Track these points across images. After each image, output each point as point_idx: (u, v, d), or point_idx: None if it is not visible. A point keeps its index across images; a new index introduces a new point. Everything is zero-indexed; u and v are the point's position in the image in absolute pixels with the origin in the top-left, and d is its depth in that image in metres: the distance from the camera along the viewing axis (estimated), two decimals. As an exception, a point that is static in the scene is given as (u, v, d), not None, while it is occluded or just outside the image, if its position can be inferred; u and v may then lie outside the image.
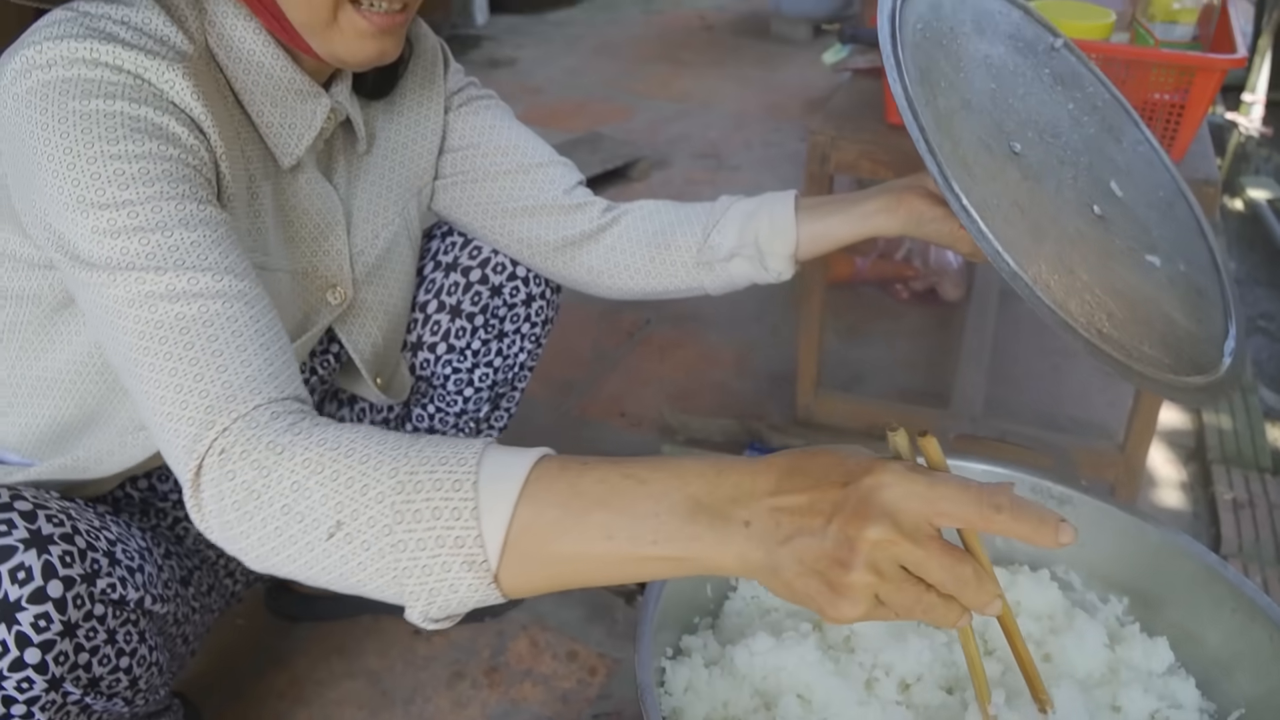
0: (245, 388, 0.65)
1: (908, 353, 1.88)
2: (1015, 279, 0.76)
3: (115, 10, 0.73)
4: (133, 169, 0.69)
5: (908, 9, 0.91)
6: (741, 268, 0.98)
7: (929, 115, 0.82)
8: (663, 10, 4.17)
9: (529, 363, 1.13)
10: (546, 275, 1.06)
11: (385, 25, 0.78)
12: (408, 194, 0.99)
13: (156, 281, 0.67)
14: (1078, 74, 1.04)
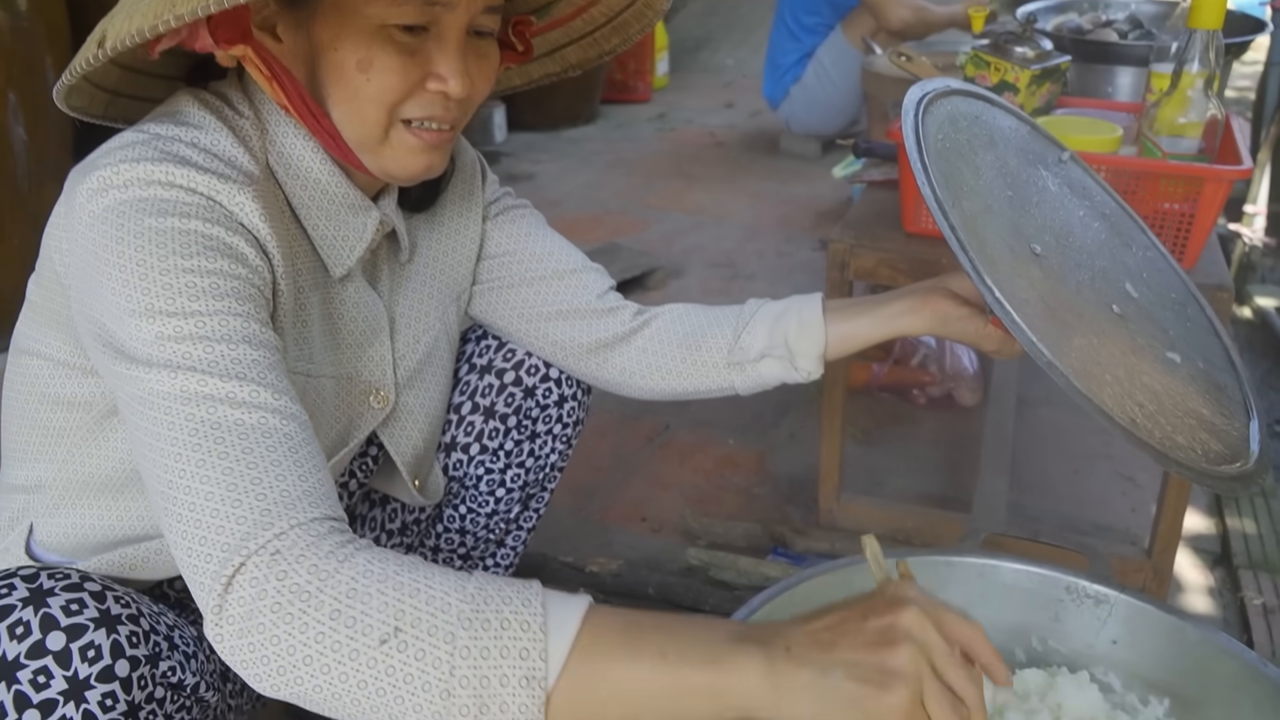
0: (305, 499, 0.66)
1: (927, 458, 1.89)
2: (1052, 369, 0.78)
3: (185, 133, 0.78)
4: (205, 283, 0.71)
5: (928, 122, 0.95)
6: (772, 368, 1.01)
7: (957, 218, 0.85)
8: (675, 127, 4.30)
9: (559, 463, 1.14)
10: (580, 377, 1.08)
11: (434, 142, 0.83)
12: (447, 300, 1.03)
13: (218, 386, 0.68)
14: (1086, 185, 1.09)
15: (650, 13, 0.94)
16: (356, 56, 0.77)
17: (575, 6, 0.96)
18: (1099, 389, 0.82)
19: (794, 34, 3.53)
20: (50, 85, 2.22)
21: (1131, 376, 0.87)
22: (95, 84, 0.83)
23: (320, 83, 0.80)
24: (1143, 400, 0.85)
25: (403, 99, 0.80)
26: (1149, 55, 1.51)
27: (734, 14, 6.17)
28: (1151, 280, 1.04)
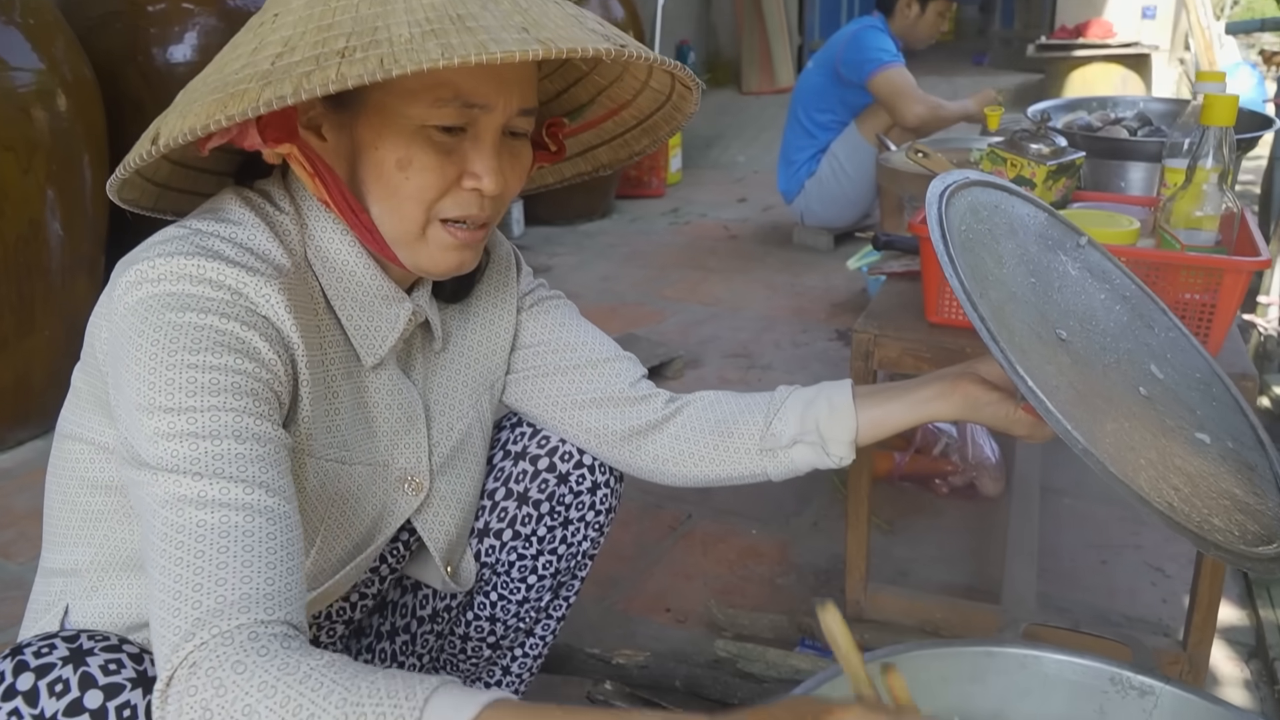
0: (238, 604, 0.68)
1: (952, 548, 1.88)
2: (1088, 455, 0.78)
3: (224, 228, 0.81)
4: (204, 378, 0.74)
5: (950, 214, 0.98)
6: (804, 454, 1.01)
7: (985, 308, 0.87)
8: (688, 221, 4.38)
9: (591, 550, 1.14)
10: (614, 464, 1.09)
11: (467, 240, 0.87)
12: (481, 388, 1.04)
13: (191, 486, 0.71)
14: (1105, 269, 1.11)
15: (679, 116, 0.98)
16: (396, 155, 0.81)
17: (607, 109, 1.00)
18: (1135, 473, 0.83)
19: (809, 131, 3.62)
20: (87, 183, 2.29)
21: (1164, 459, 0.88)
22: (147, 178, 0.87)
23: (360, 180, 0.83)
24: (1177, 483, 0.86)
25: (440, 196, 0.83)
26: (1161, 151, 1.55)
27: (745, 113, 6.33)
28: (1175, 361, 1.05)
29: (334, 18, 0.74)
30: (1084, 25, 5.99)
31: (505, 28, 0.71)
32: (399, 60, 0.68)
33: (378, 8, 0.73)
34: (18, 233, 2.12)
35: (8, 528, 1.96)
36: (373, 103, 0.80)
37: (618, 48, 0.75)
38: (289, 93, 0.69)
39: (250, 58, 0.75)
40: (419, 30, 0.71)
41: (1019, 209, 1.07)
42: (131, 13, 2.51)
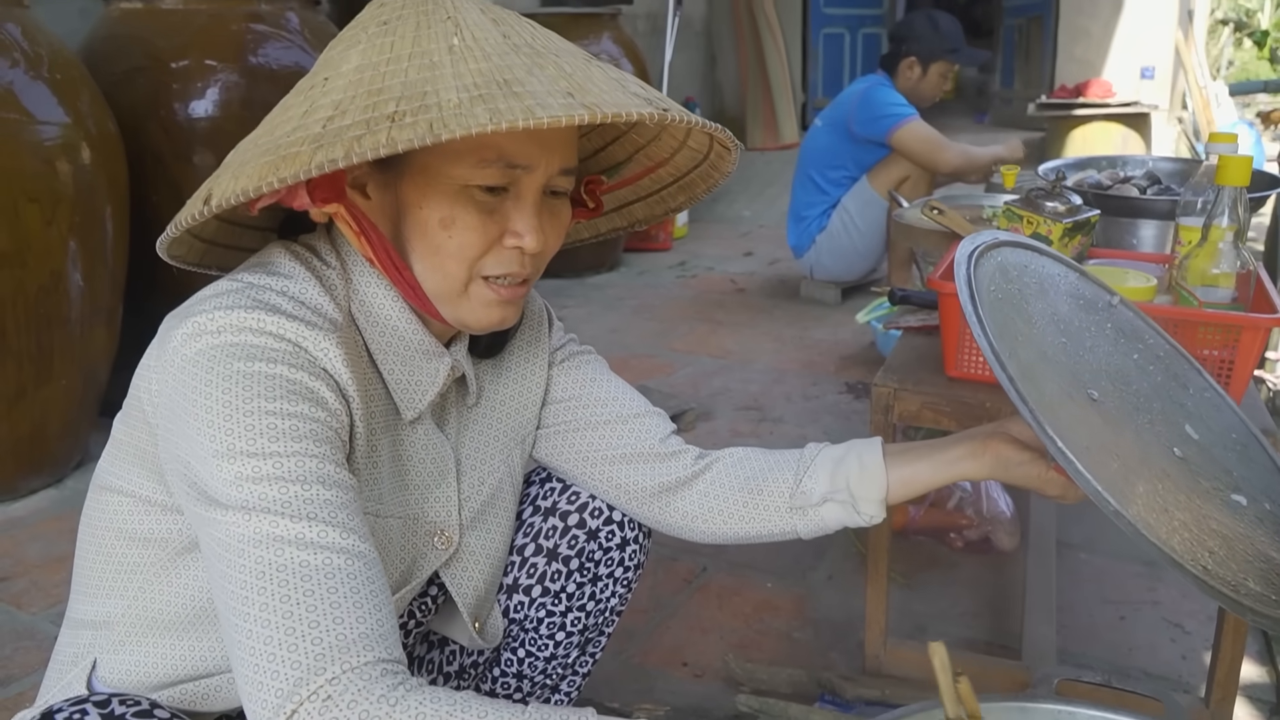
0: (359, 642, 0.68)
1: (968, 602, 1.87)
2: (1119, 518, 0.79)
3: (276, 282, 0.83)
4: (284, 425, 0.75)
5: (979, 274, 0.99)
6: (834, 512, 1.02)
7: (1014, 368, 0.88)
8: (696, 274, 4.42)
9: (619, 607, 1.14)
10: (643, 520, 1.10)
11: (509, 296, 0.88)
12: (512, 443, 1.05)
13: (288, 527, 0.71)
14: (1137, 328, 1.12)
15: (716, 175, 0.99)
16: (440, 215, 0.83)
17: (644, 167, 1.02)
18: (1168, 536, 0.83)
19: (820, 187, 3.67)
20: (109, 235, 2.32)
21: (1199, 521, 0.88)
22: (194, 234, 0.89)
23: (404, 237, 0.85)
24: (1212, 546, 0.86)
25: (482, 254, 0.85)
26: (1173, 210, 1.58)
27: (750, 168, 6.41)
28: (1210, 421, 1.06)
29: (384, 82, 0.75)
30: (1083, 85, 6.09)
31: (551, 93, 0.73)
32: (448, 125, 0.70)
33: (427, 73, 0.75)
34: (39, 283, 2.14)
35: (20, 577, 1.95)
36: (418, 163, 0.82)
37: (660, 112, 0.77)
38: (340, 156, 0.71)
39: (301, 120, 0.77)
40: (467, 95, 0.72)
41: (1049, 268, 1.08)
42: (155, 69, 2.55)
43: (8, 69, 2.07)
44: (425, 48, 0.77)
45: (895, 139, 3.41)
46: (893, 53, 3.56)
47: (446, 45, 0.76)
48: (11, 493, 2.25)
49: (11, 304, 2.10)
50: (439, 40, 0.77)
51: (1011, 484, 1.01)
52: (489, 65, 0.75)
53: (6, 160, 2.04)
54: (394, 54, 0.77)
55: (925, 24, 3.51)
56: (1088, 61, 6.37)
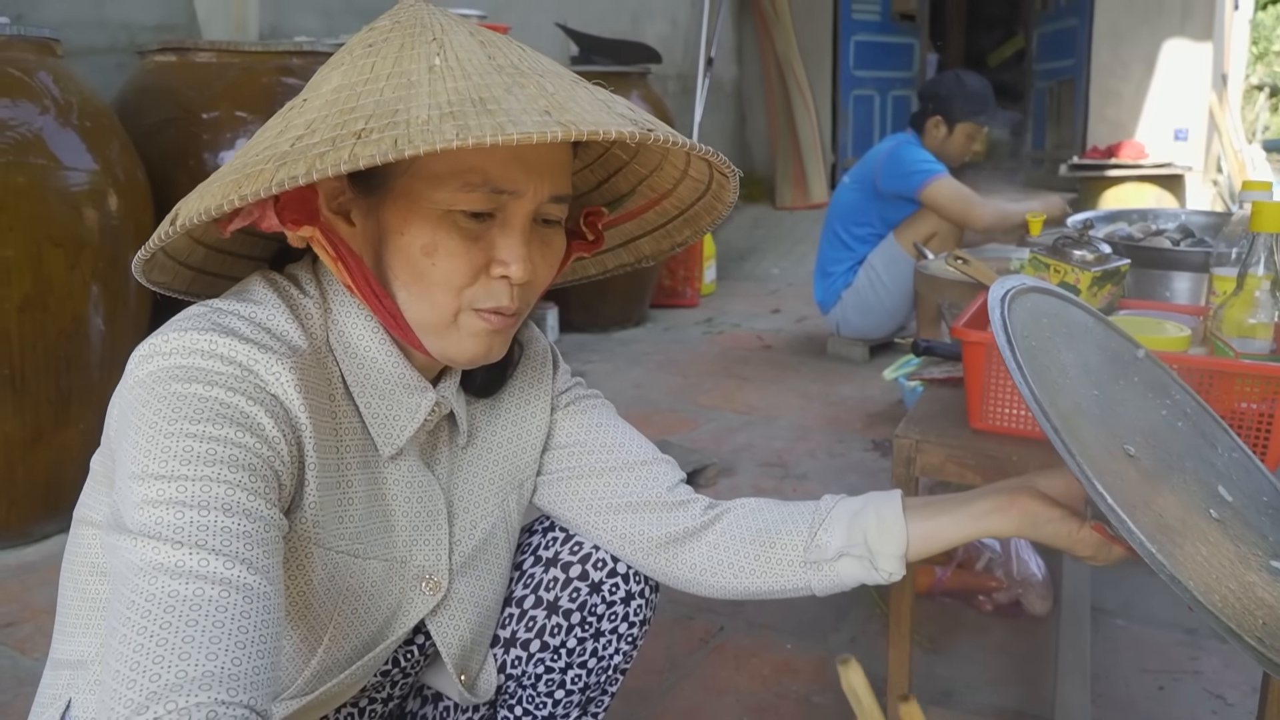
0: (197, 683, 0.63)
1: (997, 668, 1.79)
2: (1175, 583, 0.73)
3: (244, 308, 0.80)
4: (201, 448, 0.72)
5: (1013, 319, 0.94)
6: (850, 568, 0.96)
7: (1057, 417, 0.82)
8: (722, 331, 4.39)
9: (623, 665, 1.08)
10: (649, 573, 1.04)
11: (498, 326, 0.84)
12: (508, 488, 1.01)
13: (170, 555, 0.68)
14: (1163, 383, 1.06)
15: (720, 205, 0.96)
16: (421, 241, 0.80)
17: (648, 199, 0.99)
18: (1222, 603, 0.77)
19: (846, 244, 3.65)
20: (132, 281, 2.32)
21: (1245, 589, 0.82)
22: (178, 260, 0.87)
23: (386, 265, 0.82)
24: (1260, 615, 0.80)
25: (468, 284, 0.81)
26: (1206, 261, 1.53)
27: (779, 227, 6.41)
28: (1241, 483, 1.00)
29: (358, 101, 0.73)
30: (1116, 146, 6.05)
31: (527, 110, 0.70)
32: (412, 140, 0.67)
33: (402, 91, 0.72)
34: (60, 328, 2.15)
35: (26, 622, 1.93)
36: (399, 188, 0.80)
37: (643, 131, 0.73)
38: (301, 173, 0.68)
39: (274, 140, 0.75)
40: (438, 113, 0.69)
41: (1077, 317, 1.03)
42: (186, 119, 2.59)
43: (38, 115, 2.10)
44: (405, 68, 0.75)
45: (926, 194, 3.39)
46: (921, 111, 3.56)
47: (427, 65, 0.74)
48: (25, 537, 2.23)
49: (32, 347, 2.11)
50: (420, 60, 0.75)
51: (1040, 542, 0.95)
52: (467, 84, 0.72)
53: (33, 205, 2.07)
54: (373, 74, 0.75)
55: (953, 84, 3.50)
56: (1120, 123, 6.34)
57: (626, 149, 0.96)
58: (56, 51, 2.25)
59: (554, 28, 4.46)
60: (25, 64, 2.13)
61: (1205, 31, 6.08)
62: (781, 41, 6.56)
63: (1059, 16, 6.85)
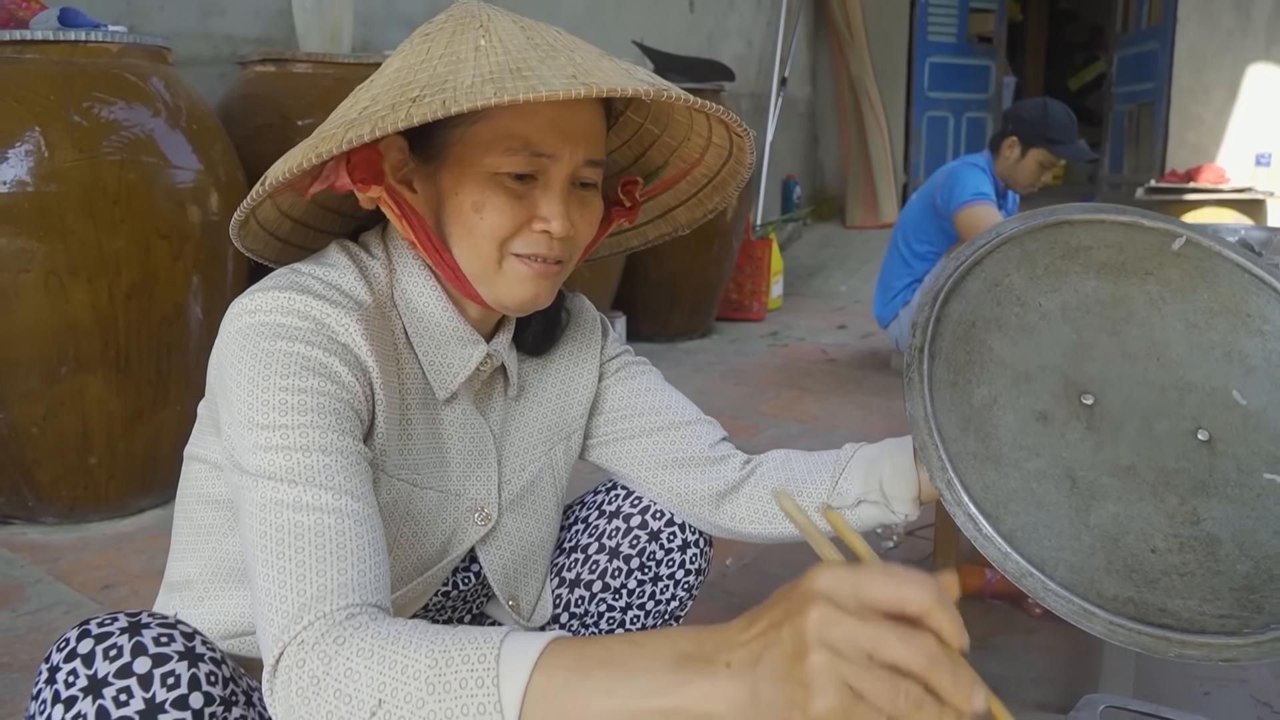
0: (335, 592, 0.75)
1: (1043, 667, 1.82)
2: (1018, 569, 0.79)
3: (319, 270, 0.92)
4: (294, 400, 0.83)
5: (950, 310, 0.97)
6: (870, 512, 1.05)
7: (954, 420, 0.88)
8: (787, 344, 4.44)
9: (679, 611, 1.17)
10: (700, 526, 1.14)
11: (542, 272, 0.94)
12: (555, 439, 1.11)
13: (287, 492, 0.79)
14: (1208, 271, 1.00)
15: (741, 168, 1.05)
16: (472, 199, 0.90)
17: (680, 170, 1.09)
18: (1099, 578, 0.82)
19: (906, 260, 3.68)
20: (229, 274, 2.49)
21: (1182, 533, 0.84)
22: (269, 231, 0.99)
23: (444, 223, 0.93)
24: (1181, 560, 0.83)
25: (511, 235, 0.92)
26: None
27: (848, 245, 6.44)
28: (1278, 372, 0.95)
29: (414, 77, 0.85)
30: (1195, 171, 5.96)
31: (556, 75, 0.80)
32: (458, 100, 0.78)
33: (451, 67, 0.84)
34: (163, 314, 2.31)
35: (122, 585, 2.07)
36: (453, 155, 0.90)
37: (657, 89, 0.83)
38: (366, 131, 0.79)
39: (344, 113, 0.88)
40: (480, 79, 0.81)
41: (1080, 239, 1.01)
42: (282, 125, 2.76)
43: (150, 117, 2.27)
44: (455, 49, 0.86)
45: (958, 217, 3.41)
46: (1001, 131, 3.57)
47: (474, 46, 0.85)
48: (122, 510, 2.39)
49: (136, 332, 2.27)
50: (468, 43, 0.86)
51: None
52: (506, 58, 0.83)
53: (143, 200, 2.23)
54: (428, 56, 0.87)
55: (1036, 109, 3.47)
56: (1200, 147, 6.24)
57: (657, 122, 1.07)
58: (168, 59, 2.43)
59: (631, 45, 4.58)
60: (140, 70, 2.31)
61: (1291, 56, 5.97)
62: (856, 62, 6.61)
63: (1140, 40, 6.78)
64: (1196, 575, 0.82)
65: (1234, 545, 0.84)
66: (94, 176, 2.16)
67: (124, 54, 2.29)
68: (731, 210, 4.35)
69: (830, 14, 6.65)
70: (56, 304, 2.17)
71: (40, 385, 2.21)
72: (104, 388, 2.26)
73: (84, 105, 2.18)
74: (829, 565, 0.58)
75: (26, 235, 2.13)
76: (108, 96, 2.21)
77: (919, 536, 2.28)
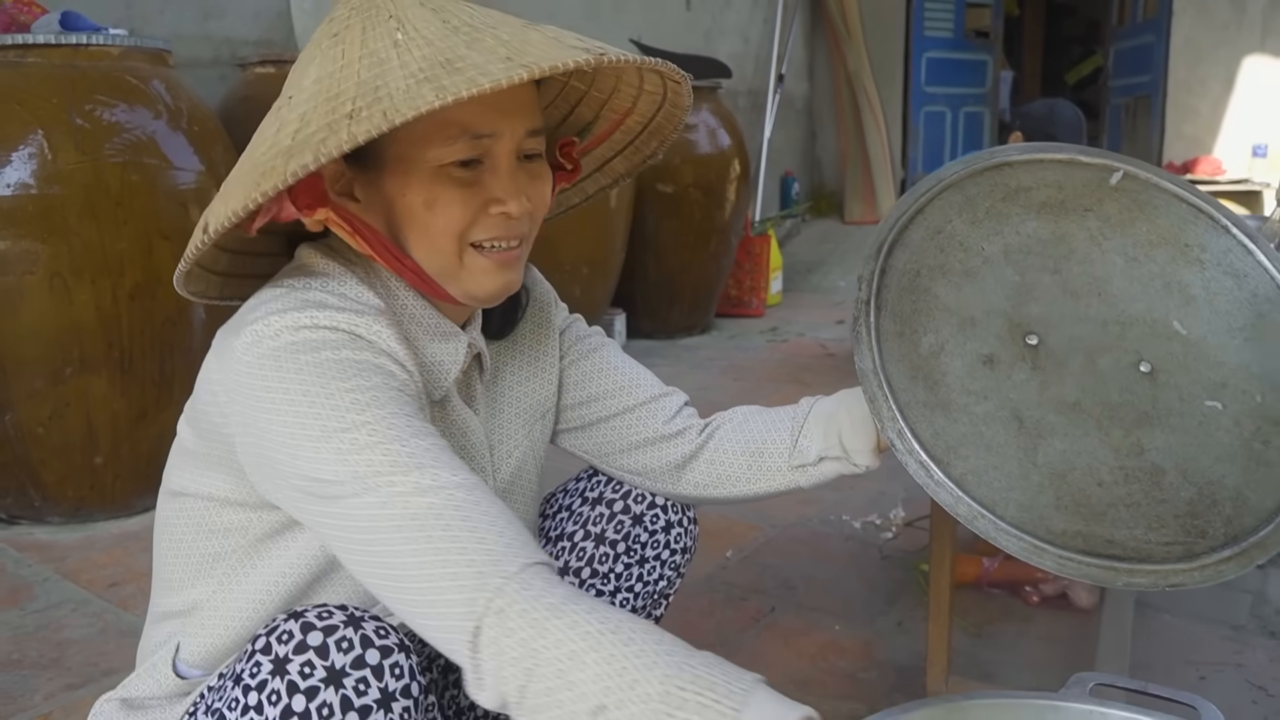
0: (506, 552, 0.74)
1: (1039, 654, 1.84)
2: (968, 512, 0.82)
3: (317, 281, 0.88)
4: (365, 398, 0.80)
5: (895, 260, 0.97)
6: (832, 467, 1.08)
7: (903, 370, 0.91)
8: (786, 339, 4.46)
9: (667, 590, 1.19)
10: (662, 495, 1.16)
11: (505, 260, 0.92)
12: (534, 418, 1.11)
13: (404, 482, 0.76)
14: (1146, 203, 1.01)
15: (678, 111, 1.03)
16: (422, 198, 0.87)
17: (612, 121, 1.07)
18: (1049, 515, 0.84)
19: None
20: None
21: (1120, 461, 0.87)
22: (208, 269, 0.94)
23: (397, 227, 0.90)
24: (1127, 492, 0.85)
25: (469, 226, 0.89)
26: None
27: (846, 241, 6.46)
28: (1219, 301, 0.97)
29: (339, 87, 0.80)
30: (1191, 162, 5.99)
31: (490, 60, 0.77)
32: (399, 109, 0.75)
33: (376, 69, 0.79)
34: (166, 315, 2.33)
35: (129, 583, 2.10)
36: (392, 156, 0.87)
37: (596, 55, 0.81)
38: (310, 160, 0.75)
39: (274, 138, 0.82)
40: (413, 80, 0.77)
41: (1022, 179, 1.02)
42: (282, 126, 2.77)
43: (151, 119, 2.30)
44: (372, 48, 0.82)
45: None
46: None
47: (391, 41, 0.82)
48: (128, 509, 2.42)
49: (140, 332, 2.29)
50: (384, 39, 0.82)
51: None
52: (431, 50, 0.80)
53: (145, 201, 2.25)
54: (345, 60, 0.82)
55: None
56: (1197, 139, 6.26)
57: (583, 78, 1.04)
58: (168, 61, 2.45)
59: (628, 43, 4.60)
60: (141, 72, 2.33)
61: (1287, 48, 5.99)
62: (853, 58, 6.62)
63: (1136, 33, 6.80)
64: (1142, 505, 0.84)
65: (1178, 473, 0.87)
66: (96, 178, 2.18)
67: (125, 57, 2.31)
68: (730, 207, 4.37)
69: (827, 10, 6.67)
70: (60, 305, 2.19)
71: (45, 386, 2.24)
72: (108, 388, 2.29)
73: (86, 108, 2.20)
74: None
75: (30, 237, 2.15)
76: (109, 99, 2.23)
77: (917, 528, 2.30)
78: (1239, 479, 0.88)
